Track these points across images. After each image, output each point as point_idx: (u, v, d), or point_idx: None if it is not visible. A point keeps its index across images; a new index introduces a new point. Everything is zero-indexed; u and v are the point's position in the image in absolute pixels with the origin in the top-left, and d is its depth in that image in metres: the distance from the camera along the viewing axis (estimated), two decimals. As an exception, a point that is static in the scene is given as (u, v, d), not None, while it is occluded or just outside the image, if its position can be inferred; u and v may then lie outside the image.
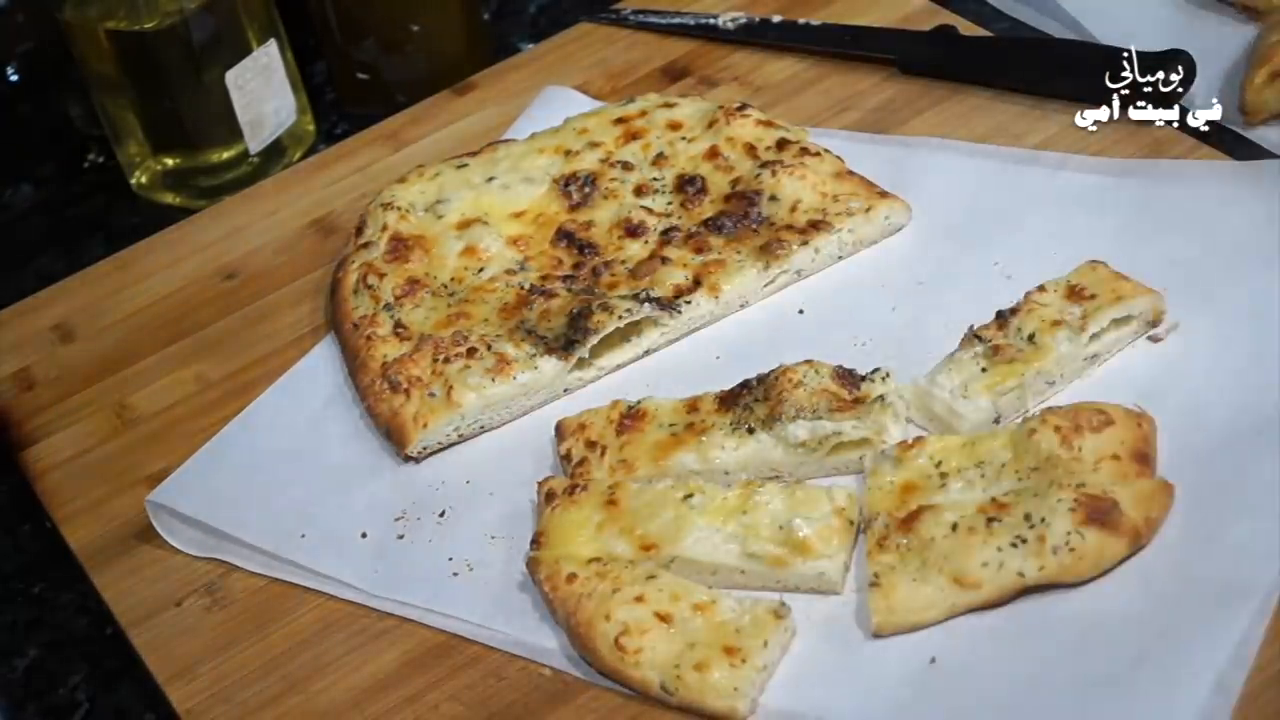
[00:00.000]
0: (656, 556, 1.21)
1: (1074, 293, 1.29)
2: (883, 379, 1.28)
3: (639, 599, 1.17)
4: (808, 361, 1.29)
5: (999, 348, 1.28)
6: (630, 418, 1.31)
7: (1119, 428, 1.18)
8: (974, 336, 1.29)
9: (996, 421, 1.26)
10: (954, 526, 1.16)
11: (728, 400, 1.30)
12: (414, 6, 1.77)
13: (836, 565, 1.19)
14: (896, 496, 1.21)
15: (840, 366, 1.30)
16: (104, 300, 1.60)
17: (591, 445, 1.31)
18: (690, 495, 1.23)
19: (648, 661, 1.14)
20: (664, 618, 1.16)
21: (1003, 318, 1.30)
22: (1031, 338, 1.28)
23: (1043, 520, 1.14)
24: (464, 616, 1.24)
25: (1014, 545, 1.14)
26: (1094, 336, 1.28)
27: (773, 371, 1.29)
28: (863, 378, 1.28)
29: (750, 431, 1.28)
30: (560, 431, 1.33)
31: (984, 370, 1.27)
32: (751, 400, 1.29)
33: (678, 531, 1.21)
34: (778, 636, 1.15)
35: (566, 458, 1.31)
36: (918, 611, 1.14)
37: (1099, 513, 1.13)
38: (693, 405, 1.31)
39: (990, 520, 1.15)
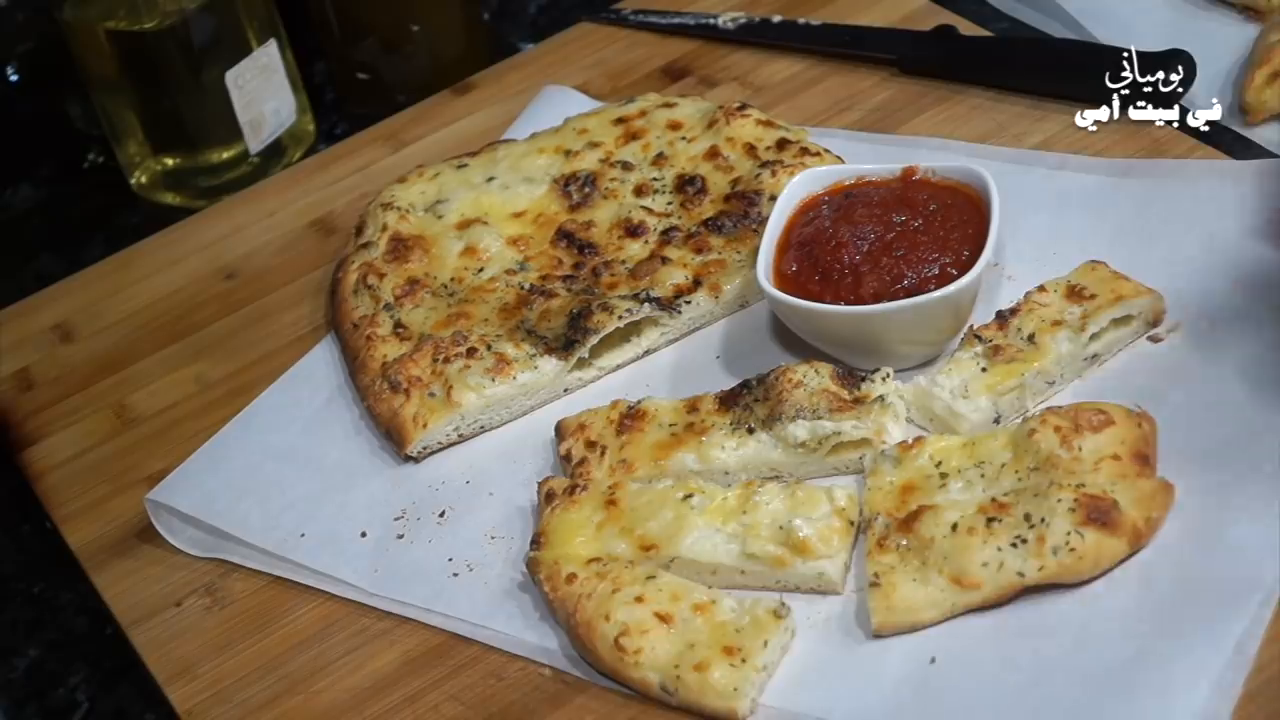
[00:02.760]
0: (656, 556, 1.21)
1: (1074, 293, 1.29)
2: (883, 379, 1.28)
3: (639, 599, 1.17)
4: (808, 361, 1.30)
5: (999, 348, 1.28)
6: (630, 418, 1.31)
7: (1119, 428, 1.18)
8: (974, 336, 1.29)
9: (997, 421, 1.26)
10: (954, 527, 1.16)
11: (728, 400, 1.30)
12: (414, 6, 1.77)
13: (836, 565, 1.19)
14: (896, 497, 1.21)
15: (840, 366, 1.30)
16: (104, 300, 1.60)
17: (591, 445, 1.30)
18: (690, 495, 1.23)
19: (648, 661, 1.14)
20: (664, 618, 1.16)
21: (1003, 318, 1.30)
22: (1031, 338, 1.28)
23: (1043, 520, 1.14)
24: (464, 616, 1.24)
25: (1014, 545, 1.14)
26: (1094, 336, 1.28)
27: (773, 371, 1.29)
28: (862, 378, 1.28)
29: (750, 431, 1.28)
30: (560, 431, 1.33)
31: (984, 370, 1.27)
32: (751, 400, 1.29)
33: (678, 531, 1.21)
34: (778, 636, 1.15)
35: (566, 458, 1.31)
36: (918, 611, 1.14)
37: (1099, 513, 1.13)
38: (692, 405, 1.31)
39: (990, 520, 1.15)
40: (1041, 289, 1.31)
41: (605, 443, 1.30)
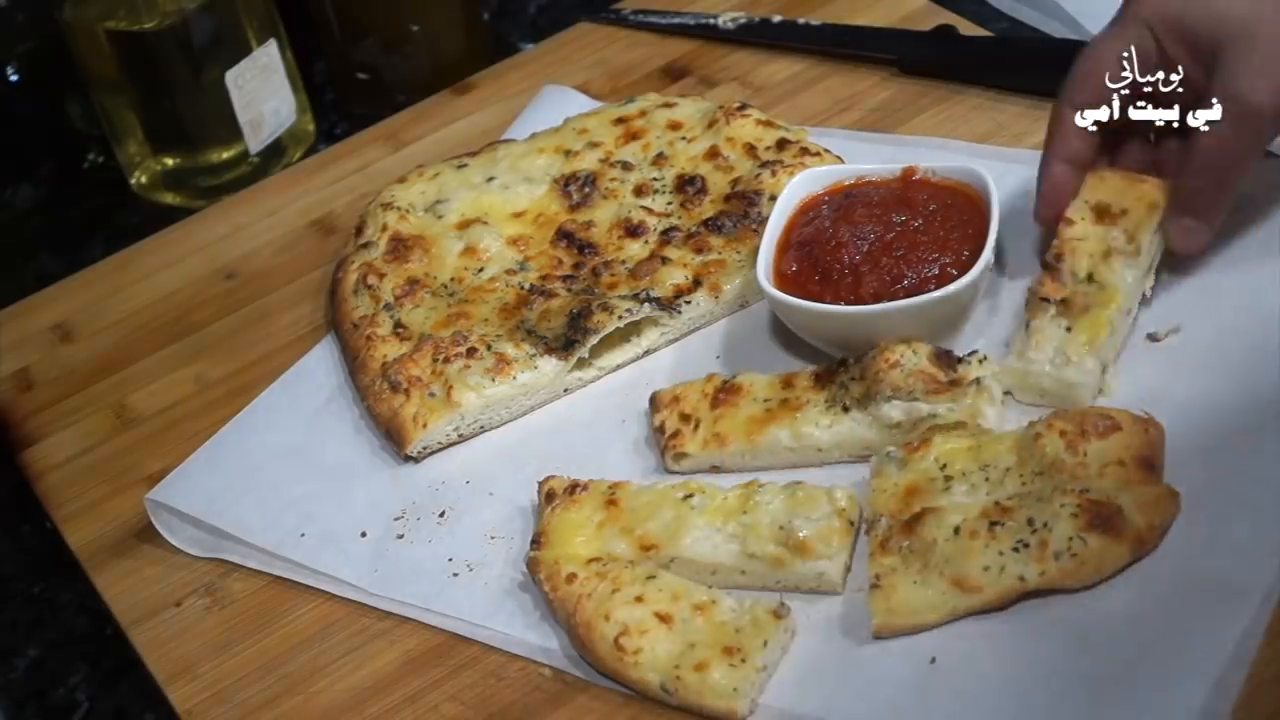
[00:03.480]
0: (656, 556, 1.21)
1: (1103, 214, 1.28)
2: (979, 361, 1.26)
3: (639, 599, 1.17)
4: (905, 341, 1.28)
5: (1068, 302, 1.26)
6: (725, 392, 1.31)
7: (1125, 433, 1.18)
8: (1040, 300, 1.27)
9: (1104, 372, 1.25)
10: (956, 530, 1.15)
11: (823, 378, 1.30)
12: (414, 6, 1.77)
13: (836, 565, 1.19)
14: (900, 499, 1.20)
15: (938, 348, 1.28)
16: (104, 300, 1.60)
17: (685, 418, 1.31)
18: (690, 495, 1.23)
19: (647, 662, 1.14)
20: (664, 618, 1.16)
21: (1051, 268, 1.28)
22: (1091, 277, 1.27)
23: (1045, 525, 1.13)
24: (464, 616, 1.24)
25: (1015, 550, 1.13)
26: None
27: (871, 350, 1.28)
28: (959, 359, 1.27)
29: (845, 410, 1.27)
30: (654, 404, 1.33)
31: (1069, 330, 1.25)
32: (847, 378, 1.28)
33: (678, 531, 1.21)
34: (778, 636, 1.15)
35: (660, 430, 1.31)
36: (918, 614, 1.14)
37: (1101, 519, 1.12)
38: (788, 381, 1.31)
39: (993, 524, 1.15)
40: (1069, 221, 1.29)
41: (699, 416, 1.30)
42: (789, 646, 1.16)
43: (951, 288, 1.27)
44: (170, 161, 1.75)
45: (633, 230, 1.49)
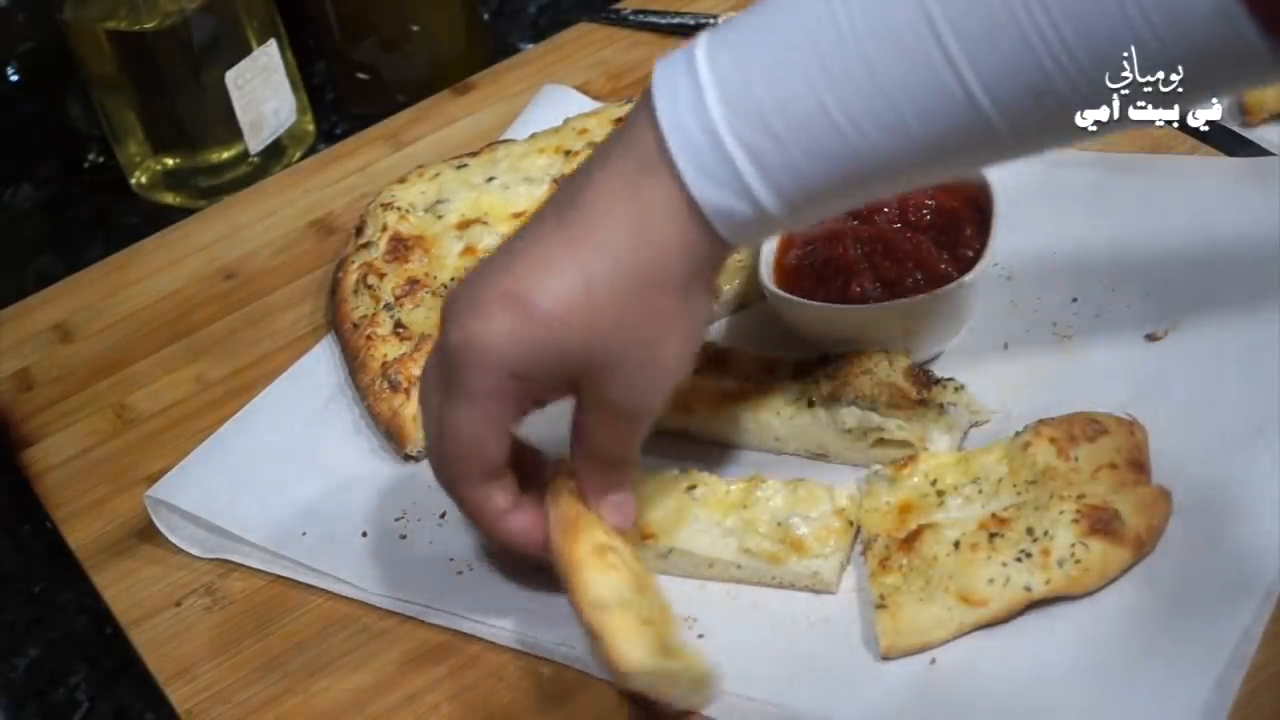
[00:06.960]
0: (655, 546, 1.21)
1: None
2: (955, 389, 1.26)
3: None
4: (887, 351, 1.27)
5: None
6: (711, 360, 1.32)
7: (1113, 436, 1.18)
8: None
9: None
10: (956, 544, 1.14)
11: (803, 369, 1.30)
12: (414, 6, 1.77)
13: (831, 565, 1.18)
14: (895, 517, 1.19)
15: (918, 365, 1.28)
16: (104, 300, 1.60)
17: None
18: (694, 486, 1.23)
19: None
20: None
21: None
22: None
23: (1046, 533, 1.13)
24: (465, 615, 1.24)
25: (1018, 560, 1.12)
26: None
27: (851, 353, 1.28)
28: (936, 380, 1.26)
29: (810, 405, 1.27)
30: None
31: None
32: (821, 375, 1.28)
33: (678, 522, 1.21)
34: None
35: None
36: (926, 631, 1.12)
37: (1102, 523, 1.12)
38: (771, 364, 1.31)
39: (992, 536, 1.14)
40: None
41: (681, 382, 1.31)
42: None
43: (951, 288, 1.27)
44: (170, 161, 1.75)
45: (633, 230, 1.48)
